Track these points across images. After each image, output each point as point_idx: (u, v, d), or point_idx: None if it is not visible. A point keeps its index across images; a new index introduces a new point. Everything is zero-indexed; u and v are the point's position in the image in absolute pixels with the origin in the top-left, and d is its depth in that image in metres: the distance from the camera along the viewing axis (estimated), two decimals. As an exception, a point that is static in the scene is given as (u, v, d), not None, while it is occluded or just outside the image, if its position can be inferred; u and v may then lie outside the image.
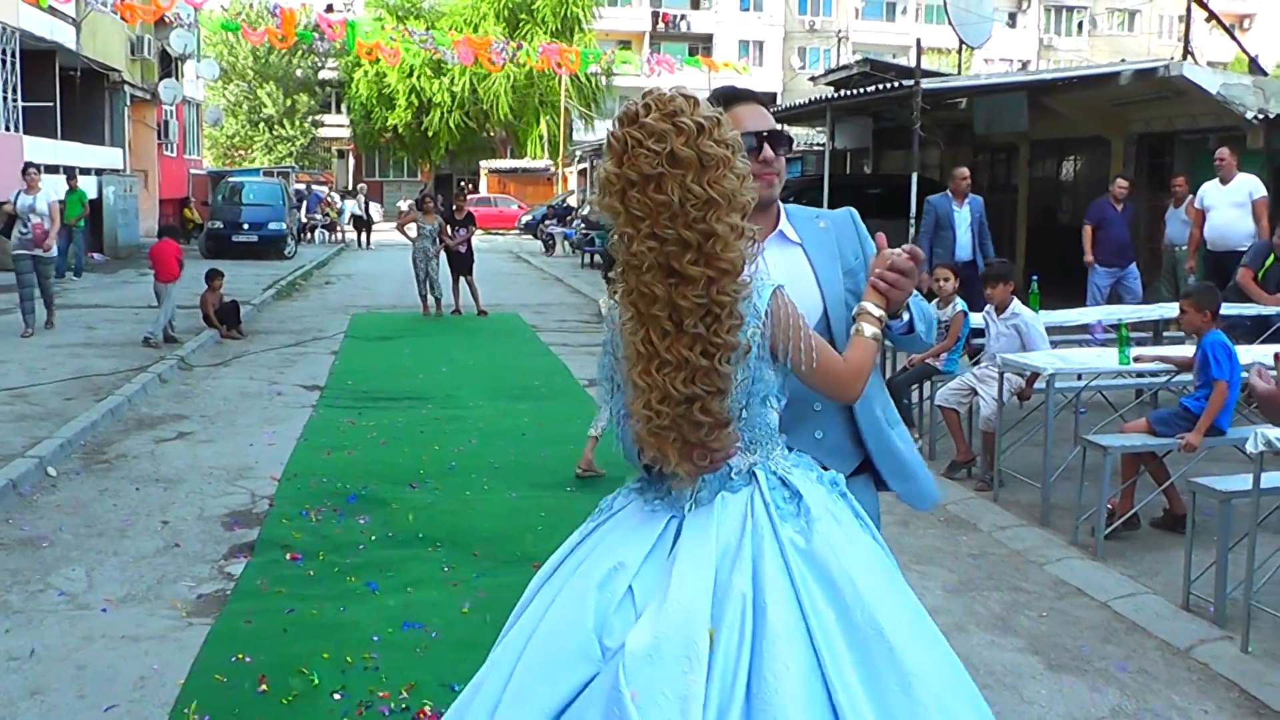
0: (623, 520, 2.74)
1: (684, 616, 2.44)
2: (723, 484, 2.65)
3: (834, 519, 2.64)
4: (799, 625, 2.46)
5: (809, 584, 2.51)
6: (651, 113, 2.48)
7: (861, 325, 2.79)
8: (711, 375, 2.50)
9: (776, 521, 2.58)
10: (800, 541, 2.56)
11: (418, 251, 18.56)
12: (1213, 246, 12.22)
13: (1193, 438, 6.66)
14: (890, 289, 2.82)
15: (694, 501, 2.64)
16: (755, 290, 2.56)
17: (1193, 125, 16.16)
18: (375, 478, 8.04)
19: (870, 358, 2.77)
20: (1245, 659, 5.25)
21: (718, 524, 2.59)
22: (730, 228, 2.46)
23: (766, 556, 2.53)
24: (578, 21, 53.61)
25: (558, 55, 30.26)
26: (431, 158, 57.36)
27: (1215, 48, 48.72)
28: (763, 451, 2.68)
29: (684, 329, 2.48)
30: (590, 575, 2.60)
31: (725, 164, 2.47)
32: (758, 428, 2.66)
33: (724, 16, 66.51)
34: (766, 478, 2.65)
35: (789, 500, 2.63)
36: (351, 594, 5.83)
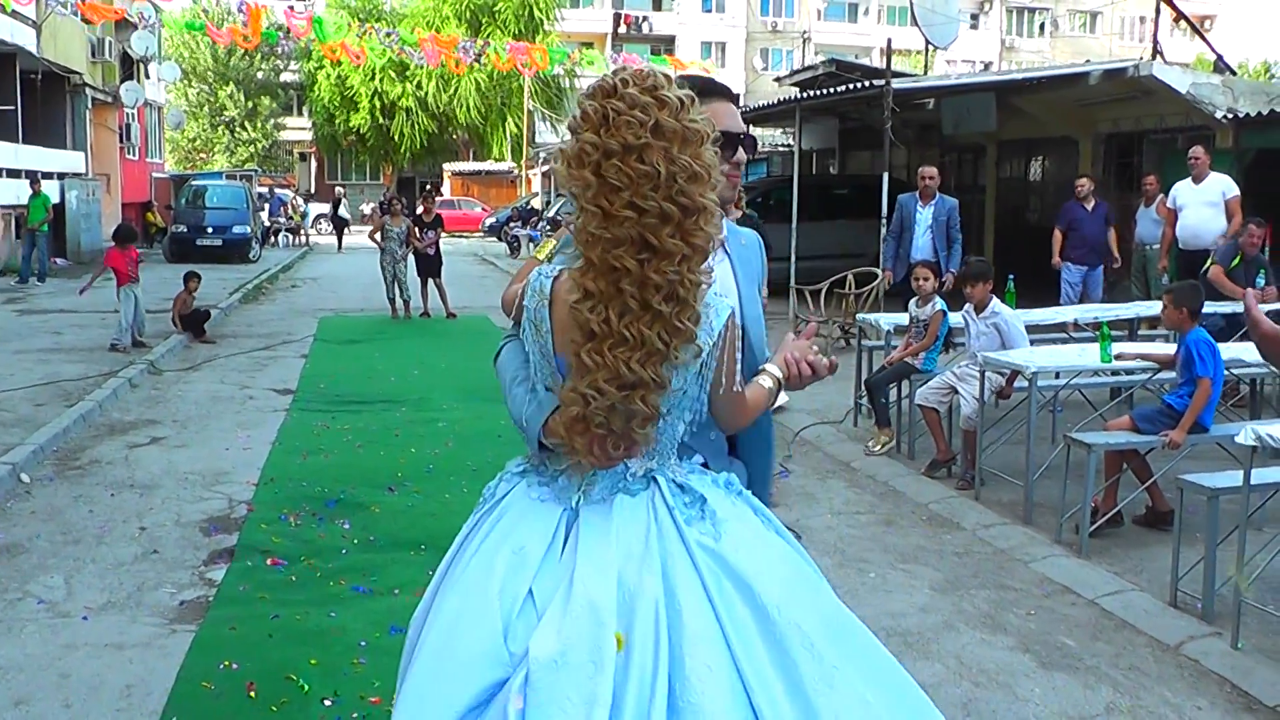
0: (511, 511, 2.70)
1: (590, 619, 2.41)
2: (617, 484, 2.63)
3: (740, 520, 2.65)
4: (714, 626, 2.45)
5: (722, 584, 2.50)
6: (630, 86, 2.46)
7: (763, 379, 2.84)
8: (662, 362, 2.48)
9: (682, 524, 2.57)
10: (709, 542, 2.55)
11: (386, 254, 18.46)
12: (1184, 245, 12.30)
13: (1176, 435, 6.66)
14: (796, 378, 2.87)
15: (581, 495, 2.62)
16: (714, 308, 2.57)
17: (1161, 125, 16.28)
18: (353, 481, 7.96)
19: (764, 403, 2.83)
20: (1235, 655, 5.26)
21: (618, 526, 2.57)
22: (709, 204, 2.46)
23: (675, 559, 2.52)
24: (539, 24, 53.48)
25: (525, 54, 30.12)
26: (394, 161, 57.07)
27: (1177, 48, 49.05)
28: (660, 459, 2.68)
29: (649, 306, 2.44)
30: (489, 577, 2.56)
31: (705, 140, 2.48)
32: (665, 437, 2.65)
33: (686, 18, 66.52)
34: (666, 483, 2.65)
35: (691, 504, 2.63)
36: (336, 598, 5.76)
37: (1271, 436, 5.02)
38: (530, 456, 2.82)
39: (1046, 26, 72.48)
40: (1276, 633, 5.49)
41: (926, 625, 5.63)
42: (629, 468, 2.64)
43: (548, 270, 2.69)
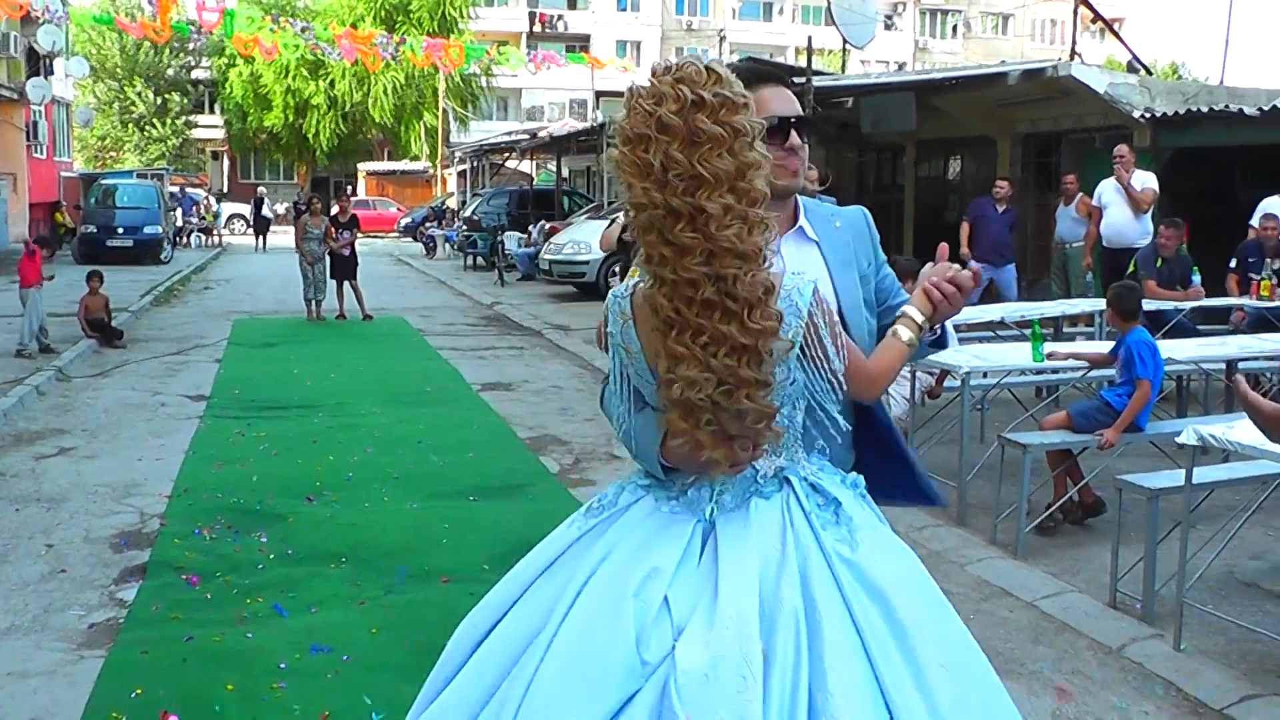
0: (638, 521, 2.58)
1: (737, 633, 2.30)
2: (749, 489, 2.52)
3: (873, 528, 2.54)
4: (855, 641, 2.34)
5: (860, 597, 2.39)
6: (667, 74, 2.36)
7: (900, 329, 2.69)
8: (755, 361, 2.37)
9: (819, 530, 2.47)
10: (845, 551, 2.45)
11: (305, 254, 18.12)
12: (1109, 243, 12.34)
13: (1111, 435, 6.63)
14: (943, 301, 2.69)
15: (715, 505, 2.52)
16: (795, 289, 2.46)
17: (1079, 125, 16.37)
18: (270, 491, 7.69)
19: (899, 363, 2.69)
20: (1179, 657, 5.19)
21: (756, 532, 2.46)
22: (723, 208, 2.31)
23: (813, 568, 2.41)
24: (454, 22, 53.11)
25: (442, 51, 29.78)
26: (308, 160, 56.36)
27: (1087, 50, 49.66)
28: (788, 455, 2.56)
29: (702, 297, 2.34)
30: (621, 581, 2.43)
31: (720, 144, 2.32)
32: (787, 429, 2.54)
33: (601, 16, 66.44)
34: (800, 484, 2.54)
35: (825, 507, 2.52)
36: (254, 617, 5.50)
37: (1214, 437, 4.95)
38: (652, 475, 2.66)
39: (959, 28, 73.32)
40: (1218, 633, 5.44)
41: (865, 634, 5.49)
42: (758, 469, 2.53)
43: (621, 290, 2.59)
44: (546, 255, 22.53)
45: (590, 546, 2.58)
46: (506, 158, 39.55)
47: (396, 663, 5.00)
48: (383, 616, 5.54)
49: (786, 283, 2.45)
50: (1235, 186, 14.96)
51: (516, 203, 32.82)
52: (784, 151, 2.78)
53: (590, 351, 14.69)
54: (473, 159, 42.94)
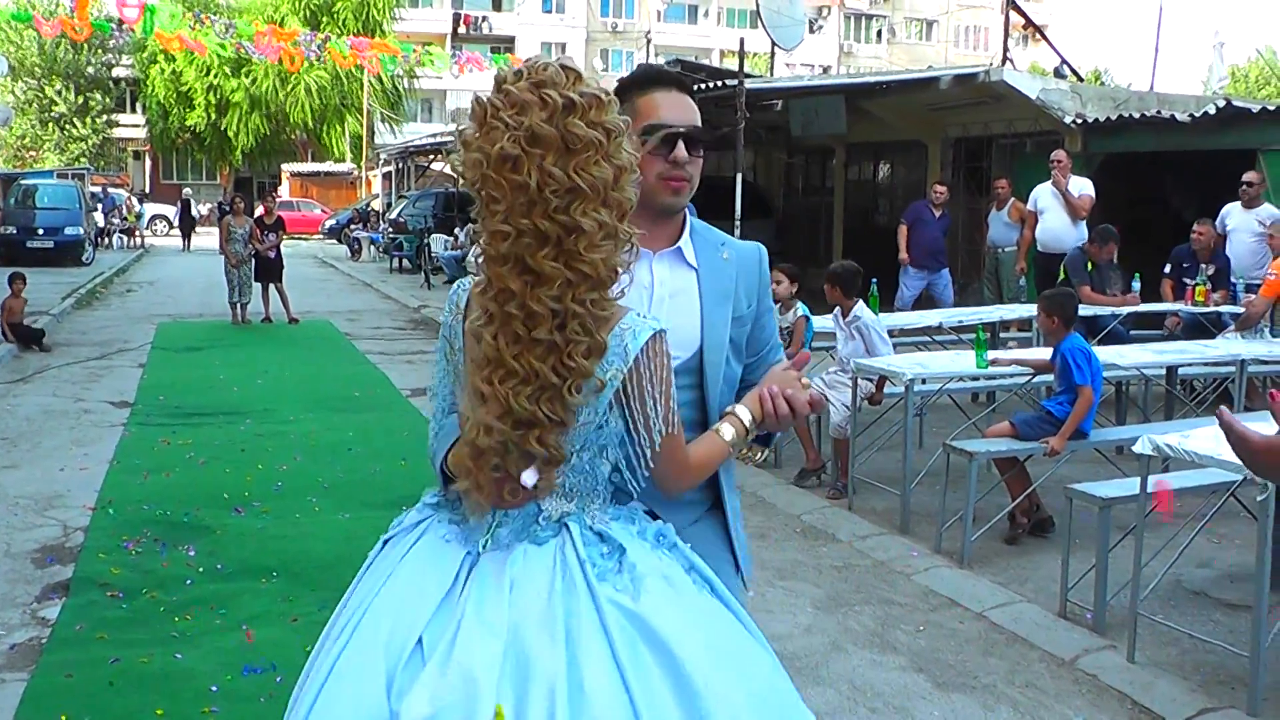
0: (415, 547, 2.37)
1: (465, 685, 2.10)
2: (526, 529, 2.30)
3: (664, 577, 2.29)
4: (624, 702, 2.10)
5: (638, 651, 2.15)
6: (521, 80, 2.15)
7: (724, 427, 2.51)
8: (558, 401, 2.18)
9: (593, 580, 2.22)
10: (625, 601, 2.20)
11: (230, 256, 17.75)
12: (1044, 248, 12.38)
13: (1057, 443, 6.58)
14: (773, 417, 2.52)
15: (490, 538, 2.30)
16: (631, 330, 2.24)
17: (1010, 130, 16.46)
18: (197, 502, 7.44)
19: (715, 460, 2.50)
20: (1133, 669, 5.13)
21: (516, 578, 2.24)
22: (598, 224, 2.13)
23: (582, 620, 2.17)
24: (378, 23, 52.63)
25: (368, 49, 29.39)
26: (231, 160, 55.51)
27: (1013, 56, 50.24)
28: (581, 502, 2.34)
29: (536, 337, 2.15)
30: (379, 623, 2.24)
31: (597, 149, 2.14)
32: (585, 476, 2.33)
33: (526, 18, 66.25)
34: (581, 531, 2.29)
35: (608, 556, 2.28)
36: (183, 636, 5.28)
37: (1170, 446, 4.89)
38: (443, 490, 2.47)
39: (884, 33, 73.90)
40: (1170, 643, 5.40)
41: (814, 647, 5.38)
42: (541, 509, 2.31)
43: (467, 282, 2.40)
44: (473, 258, 22.28)
45: (369, 579, 2.40)
46: (432, 160, 39.22)
47: (334, 683, 4.81)
48: (318, 633, 5.26)
49: (625, 321, 2.25)
50: (1165, 191, 15.13)
51: (442, 205, 32.57)
52: (667, 164, 2.59)
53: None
54: (398, 161, 42.55)
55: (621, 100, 2.47)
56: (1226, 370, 8.86)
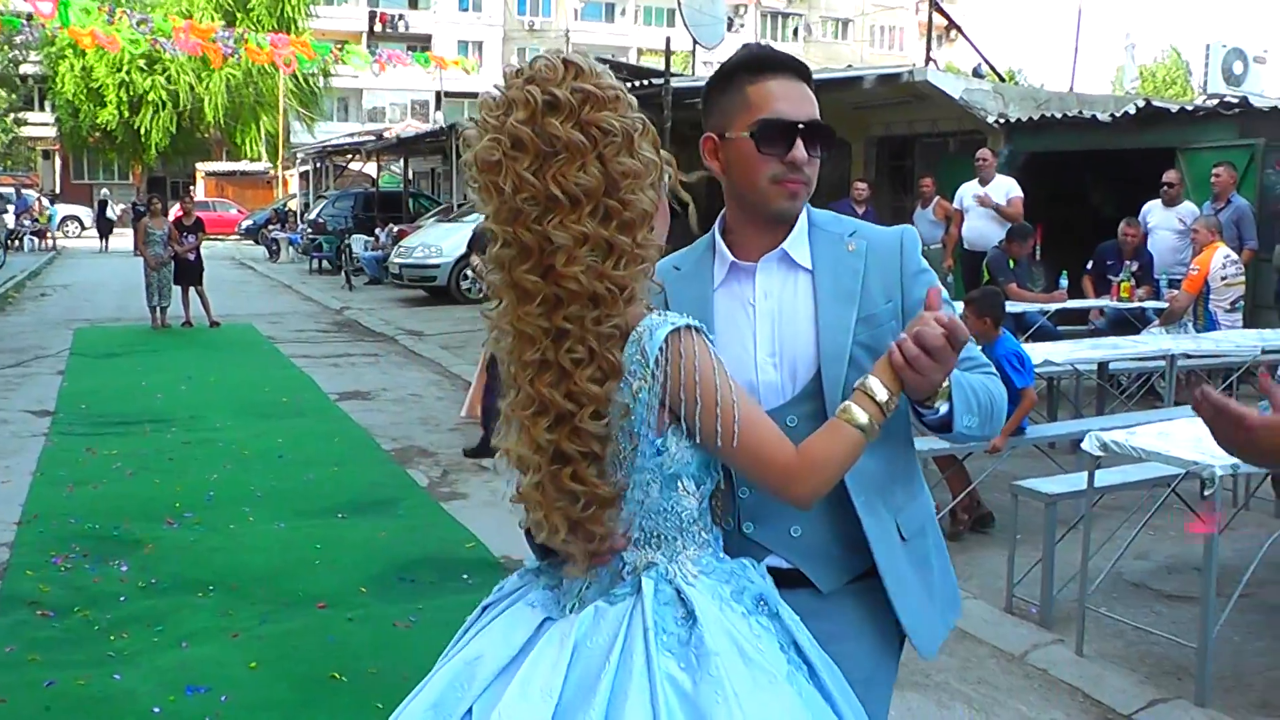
0: (502, 614, 2.15)
1: None
2: (608, 585, 2.05)
3: (739, 654, 1.95)
4: None
5: None
6: (518, 76, 1.96)
7: (851, 406, 2.02)
8: (581, 432, 1.94)
9: (653, 650, 1.92)
10: (685, 681, 1.91)
11: (149, 258, 17.42)
12: (970, 246, 12.51)
13: (997, 440, 6.60)
14: (905, 368, 1.99)
15: (578, 600, 2.06)
16: (647, 331, 1.96)
17: (934, 129, 16.58)
18: (127, 515, 7.26)
19: (844, 454, 2.01)
20: (1082, 662, 5.17)
21: (578, 643, 1.99)
22: (578, 238, 1.90)
23: (631, 699, 1.89)
24: (293, 20, 52.02)
25: (287, 45, 28.98)
26: (144, 159, 54.52)
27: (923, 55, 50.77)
28: (668, 550, 2.04)
29: (527, 360, 1.95)
30: (433, 691, 2.07)
31: (582, 153, 1.90)
32: (663, 516, 2.03)
33: (443, 16, 65.85)
34: (657, 588, 2.00)
35: (681, 623, 1.98)
36: (120, 656, 5.12)
37: (1117, 443, 4.92)
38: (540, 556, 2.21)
39: (800, 31, 74.30)
40: (1115, 636, 5.44)
41: (764, 651, 5.35)
42: (625, 562, 2.05)
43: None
44: (396, 259, 22.15)
45: (464, 639, 2.20)
46: (350, 159, 38.84)
47: (279, 700, 4.72)
48: (259, 649, 5.23)
49: (640, 325, 1.97)
50: (1085, 189, 15.34)
51: (362, 205, 32.27)
52: (784, 165, 2.21)
53: (447, 358, 14.40)
54: (315, 160, 42.09)
55: (726, 87, 2.28)
56: (1155, 365, 8.97)
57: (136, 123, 51.21)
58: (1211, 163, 11.68)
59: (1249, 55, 18.05)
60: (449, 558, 6.55)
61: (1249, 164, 11.91)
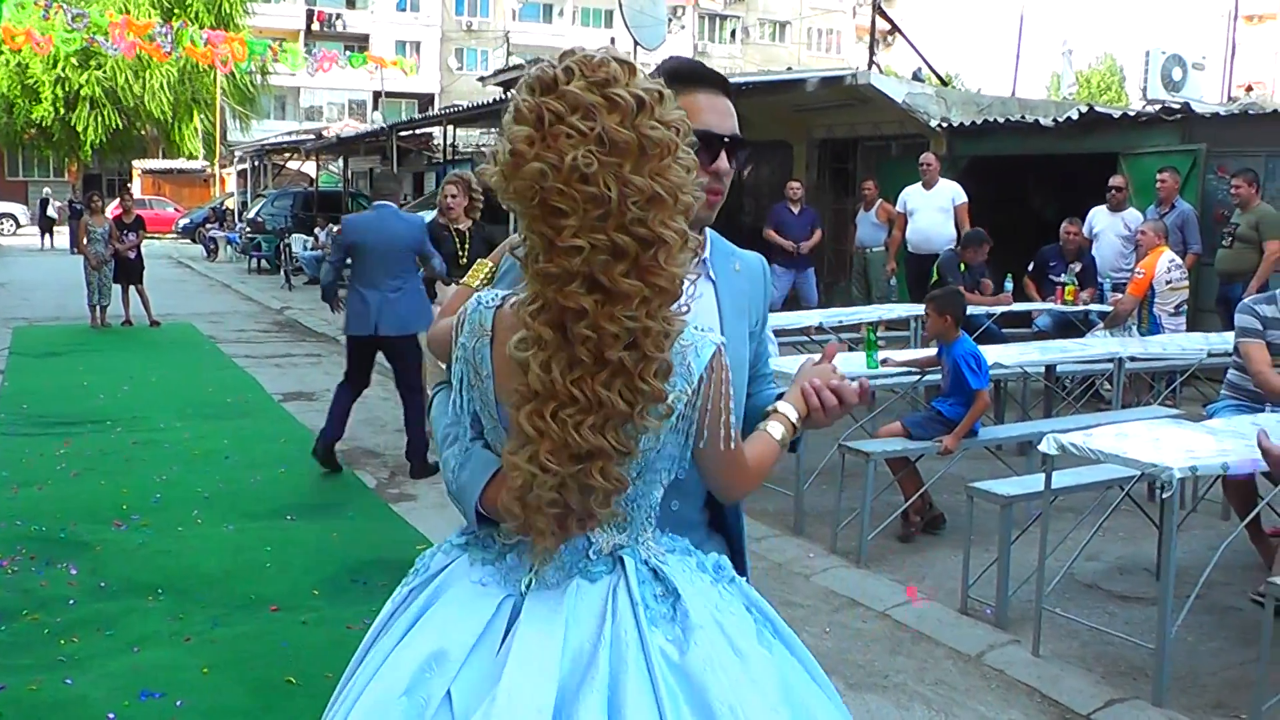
0: (446, 595, 2.16)
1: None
2: (576, 565, 2.10)
3: (718, 626, 2.09)
4: None
5: (680, 709, 1.97)
6: (575, 79, 1.91)
7: (772, 425, 2.29)
8: (625, 429, 1.97)
9: (644, 626, 2.03)
10: (673, 653, 2.02)
11: (90, 257, 17.18)
12: (914, 249, 12.58)
13: (950, 442, 6.67)
14: (819, 411, 2.31)
15: (533, 577, 2.10)
16: (693, 345, 2.04)
17: (876, 132, 16.68)
18: (73, 517, 7.14)
19: (771, 462, 2.28)
20: (1039, 662, 5.21)
21: (569, 620, 2.05)
22: (677, 234, 1.93)
23: (629, 671, 1.98)
24: (230, 17, 51.45)
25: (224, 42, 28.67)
26: (80, 156, 53.65)
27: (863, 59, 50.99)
28: (633, 532, 2.14)
29: (605, 358, 1.93)
30: (396, 676, 2.06)
31: (670, 150, 1.93)
32: (638, 504, 2.13)
33: (380, 16, 65.40)
34: (636, 568, 2.11)
35: (662, 599, 2.09)
36: (71, 660, 5.03)
37: (1075, 445, 4.96)
38: (475, 526, 2.24)
39: (738, 33, 74.49)
40: (1069, 636, 5.49)
41: (722, 652, 5.35)
42: (592, 542, 2.11)
43: (488, 298, 2.17)
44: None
45: (391, 628, 2.20)
46: (289, 158, 38.52)
47: (236, 705, 4.65)
48: (213, 653, 5.16)
49: (684, 338, 2.04)
50: (1026, 193, 15.49)
51: (301, 204, 31.99)
52: (709, 175, 2.34)
53: (392, 358, 14.28)
54: (253, 159, 41.69)
55: None
56: (1102, 368, 9.06)
57: (73, 119, 50.37)
58: (1154, 168, 11.85)
59: (1188, 62, 18.32)
60: (401, 559, 6.44)
61: (1191, 169, 12.07)
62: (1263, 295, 6.71)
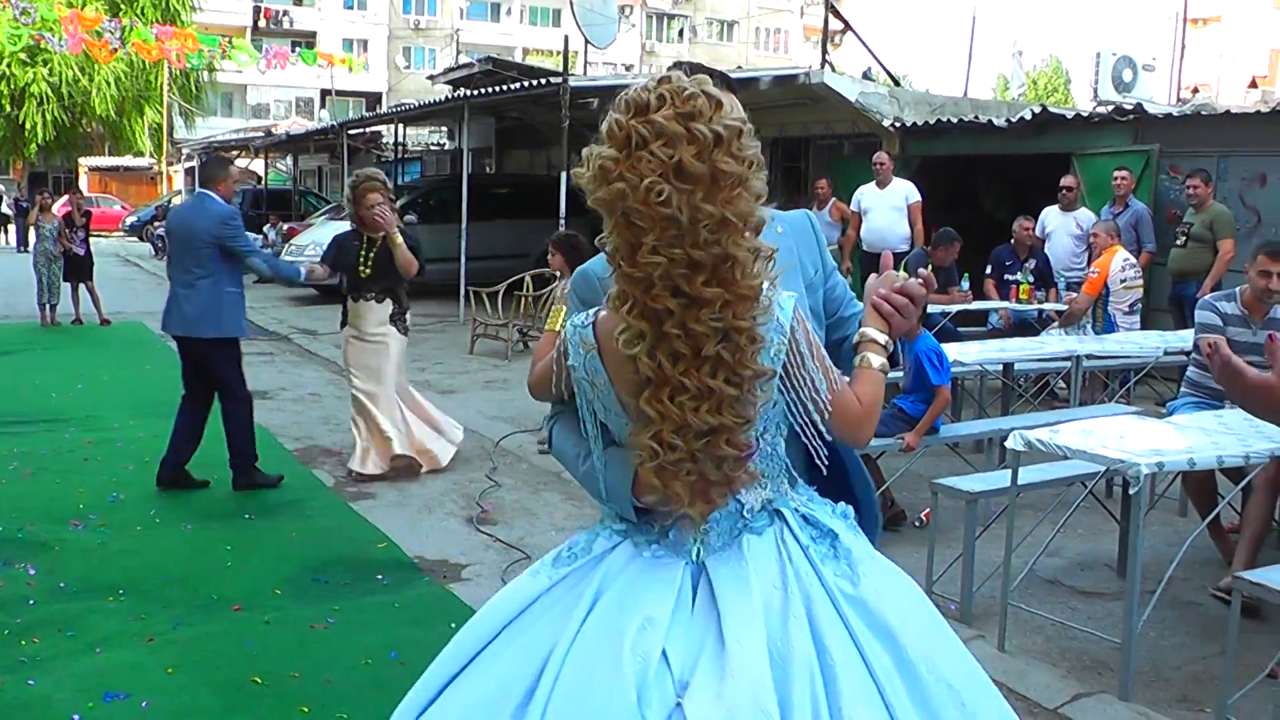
0: (620, 568, 2.34)
1: (751, 683, 2.09)
2: (737, 525, 2.30)
3: (873, 560, 2.34)
4: (870, 687, 2.15)
5: (868, 637, 2.20)
6: (665, 107, 2.07)
7: (868, 356, 2.39)
8: (739, 404, 2.16)
9: (819, 566, 2.27)
10: (847, 587, 2.25)
11: (39, 255, 16.98)
12: (869, 248, 12.66)
13: (911, 439, 6.70)
14: (895, 315, 2.42)
15: (701, 545, 2.29)
16: (776, 303, 2.21)
17: (829, 131, 16.74)
18: (30, 517, 7.05)
19: (881, 393, 2.39)
20: (1004, 658, 5.25)
21: (754, 572, 2.25)
22: (749, 251, 2.12)
23: (819, 608, 2.22)
24: (177, 13, 50.93)
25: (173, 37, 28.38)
26: (24, 154, 52.90)
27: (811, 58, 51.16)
28: (774, 485, 2.35)
29: (703, 354, 2.12)
30: (614, 634, 2.20)
31: (742, 181, 2.10)
32: (770, 459, 2.33)
33: (327, 14, 65.13)
34: (792, 516, 2.33)
35: (820, 540, 2.33)
36: (33, 661, 4.96)
37: (1041, 442, 5.00)
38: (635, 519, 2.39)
39: (685, 32, 74.58)
40: (1034, 631, 5.54)
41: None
42: (744, 503, 2.30)
43: (581, 320, 2.35)
44: (287, 257, 21.79)
45: (567, 597, 2.34)
46: (238, 156, 38.22)
47: (202, 706, 4.61)
48: (176, 653, 5.10)
49: (764, 298, 2.20)
50: (979, 193, 15.61)
51: (250, 203, 31.72)
52: None
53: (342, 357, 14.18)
54: (201, 156, 41.31)
55: None
56: (1059, 365, 9.13)
57: (20, 116, 49.63)
58: (1106, 168, 11.98)
59: (1139, 63, 18.50)
60: (362, 558, 6.46)
61: (1144, 169, 12.19)
62: (1222, 293, 6.79)
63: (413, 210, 21.50)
